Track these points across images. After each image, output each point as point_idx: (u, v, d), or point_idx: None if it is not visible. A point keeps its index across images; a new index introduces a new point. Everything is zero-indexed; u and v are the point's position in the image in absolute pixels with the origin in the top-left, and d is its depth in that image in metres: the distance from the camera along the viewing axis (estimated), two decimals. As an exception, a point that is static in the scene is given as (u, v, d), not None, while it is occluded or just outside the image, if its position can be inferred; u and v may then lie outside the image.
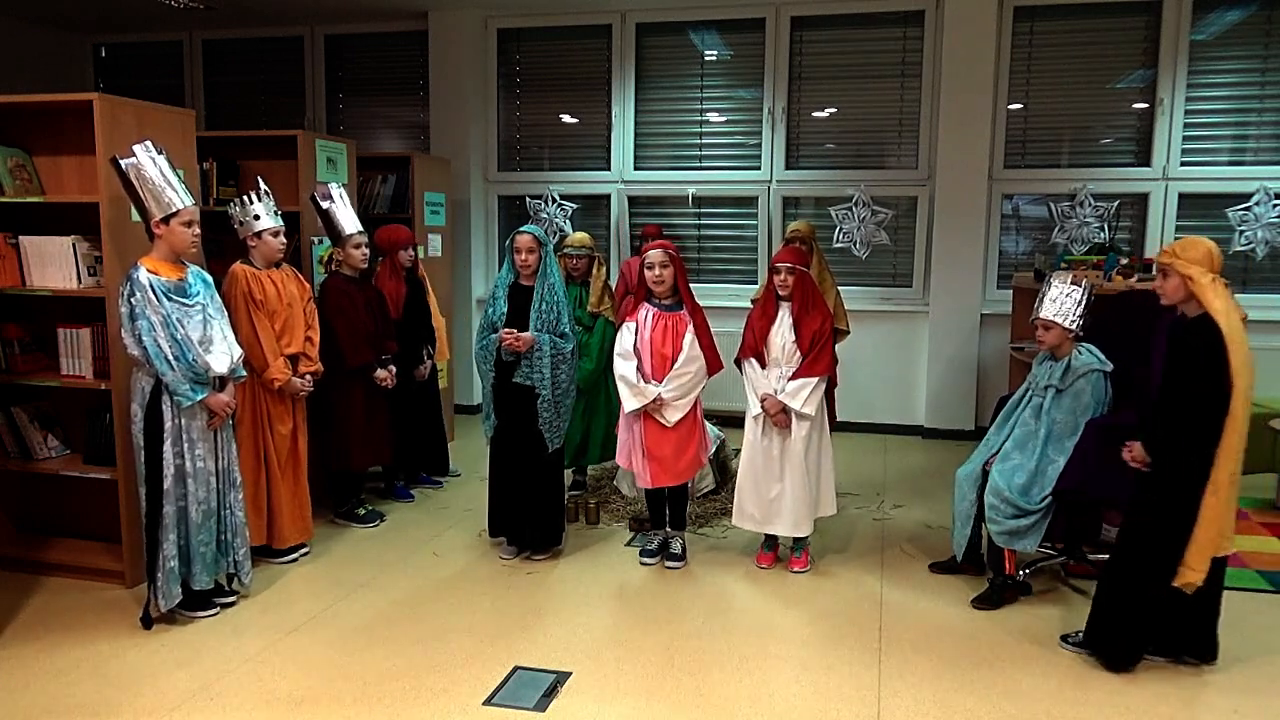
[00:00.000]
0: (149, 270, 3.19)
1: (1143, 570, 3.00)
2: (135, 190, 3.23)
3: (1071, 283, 3.49)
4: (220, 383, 3.35)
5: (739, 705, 2.87)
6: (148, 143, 3.26)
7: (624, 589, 3.77)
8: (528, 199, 6.96)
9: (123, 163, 3.21)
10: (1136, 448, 3.04)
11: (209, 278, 3.45)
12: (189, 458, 3.28)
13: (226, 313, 3.49)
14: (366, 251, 4.38)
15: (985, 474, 3.61)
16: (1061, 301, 3.46)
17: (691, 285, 3.97)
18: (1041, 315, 3.49)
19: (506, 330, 3.82)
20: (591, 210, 6.99)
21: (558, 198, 6.87)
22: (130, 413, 3.31)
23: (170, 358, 3.15)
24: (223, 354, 3.33)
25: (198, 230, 3.31)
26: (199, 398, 3.24)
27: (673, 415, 3.84)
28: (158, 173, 3.21)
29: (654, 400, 3.81)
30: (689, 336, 3.85)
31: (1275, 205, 5.81)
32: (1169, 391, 2.97)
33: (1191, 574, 2.90)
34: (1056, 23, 6.10)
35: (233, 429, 3.52)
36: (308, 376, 3.93)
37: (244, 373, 3.54)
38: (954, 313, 6.24)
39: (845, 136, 6.56)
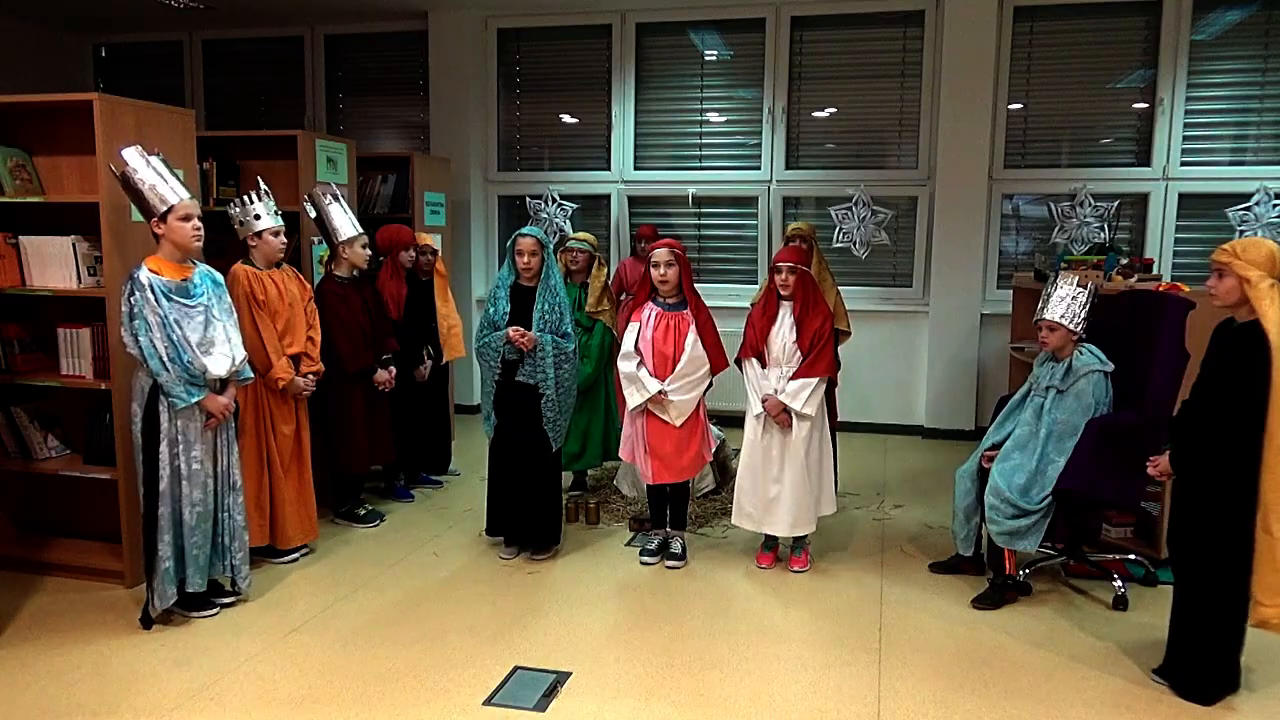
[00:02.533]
0: (151, 270, 3.19)
1: (1208, 604, 2.82)
2: (134, 192, 3.24)
3: (1077, 284, 3.47)
4: (221, 384, 3.35)
5: (739, 705, 2.87)
6: (138, 146, 3.26)
7: (624, 589, 3.77)
8: (528, 199, 6.95)
9: (116, 171, 3.22)
10: (1162, 462, 2.95)
11: (219, 278, 3.44)
12: (185, 459, 3.27)
13: (235, 314, 3.47)
14: (368, 252, 4.38)
15: (983, 468, 3.61)
16: (1068, 304, 3.45)
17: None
18: (1046, 317, 3.48)
19: (514, 329, 3.82)
20: (591, 210, 6.99)
21: (558, 198, 6.87)
22: (130, 412, 3.31)
23: (165, 358, 3.15)
24: (223, 356, 3.32)
25: (198, 225, 3.29)
26: (193, 400, 3.22)
27: (677, 415, 3.85)
28: (151, 172, 3.21)
29: (655, 395, 3.81)
30: (692, 336, 3.85)
31: (1275, 205, 5.81)
32: (1201, 400, 2.82)
33: (1267, 610, 2.68)
34: (1056, 23, 6.10)
35: (235, 431, 3.51)
36: (310, 376, 3.93)
37: (249, 374, 3.52)
38: (954, 313, 6.24)
39: (845, 136, 6.55)
